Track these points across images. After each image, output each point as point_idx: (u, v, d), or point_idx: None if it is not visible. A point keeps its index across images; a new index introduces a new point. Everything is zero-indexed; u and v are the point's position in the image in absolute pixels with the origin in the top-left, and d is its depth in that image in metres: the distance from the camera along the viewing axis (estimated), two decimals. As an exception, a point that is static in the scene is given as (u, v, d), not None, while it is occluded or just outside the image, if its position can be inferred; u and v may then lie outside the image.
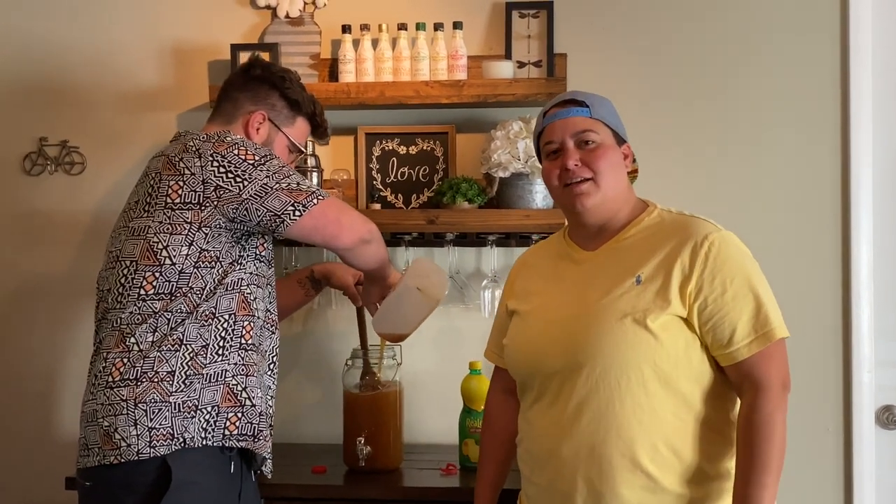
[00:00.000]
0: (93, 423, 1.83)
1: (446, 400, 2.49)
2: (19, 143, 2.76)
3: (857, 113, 2.54)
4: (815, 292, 2.56)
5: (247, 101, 2.05)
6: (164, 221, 1.85)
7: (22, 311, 2.76)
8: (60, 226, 2.74)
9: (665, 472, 1.62)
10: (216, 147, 1.88)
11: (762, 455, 1.58)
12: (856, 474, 2.52)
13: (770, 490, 1.57)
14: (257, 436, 1.88)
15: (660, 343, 1.62)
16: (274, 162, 1.90)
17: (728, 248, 1.65)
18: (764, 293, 1.64)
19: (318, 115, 2.15)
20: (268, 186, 1.85)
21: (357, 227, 1.94)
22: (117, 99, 2.74)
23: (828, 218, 2.58)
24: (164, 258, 1.84)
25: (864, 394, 2.54)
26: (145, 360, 1.81)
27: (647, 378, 1.62)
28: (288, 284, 2.34)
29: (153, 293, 1.84)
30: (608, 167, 1.72)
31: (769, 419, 1.59)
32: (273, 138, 2.07)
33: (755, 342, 1.61)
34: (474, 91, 2.48)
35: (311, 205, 1.86)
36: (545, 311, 1.79)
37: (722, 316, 1.62)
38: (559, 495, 1.70)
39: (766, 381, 1.60)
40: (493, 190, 2.52)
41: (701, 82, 2.61)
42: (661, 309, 1.63)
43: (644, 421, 1.62)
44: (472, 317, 2.61)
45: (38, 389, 2.75)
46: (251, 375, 1.88)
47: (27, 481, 2.70)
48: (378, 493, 2.22)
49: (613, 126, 1.77)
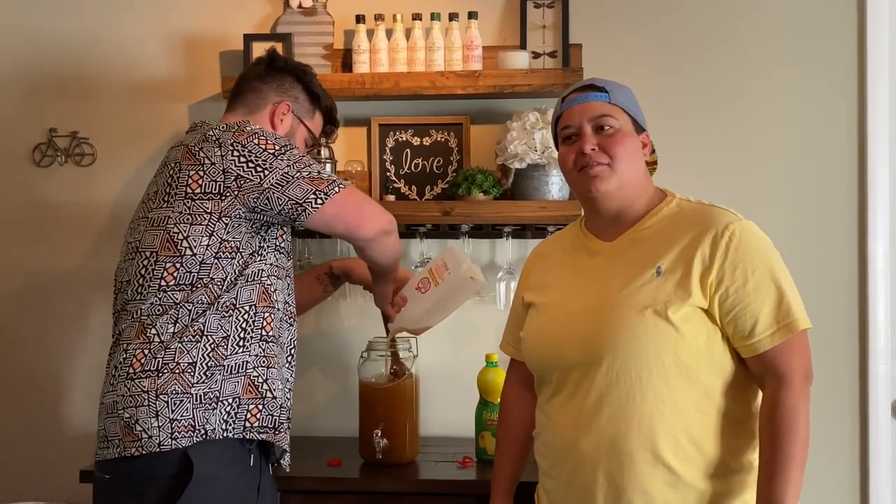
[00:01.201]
0: (113, 415, 1.82)
1: (462, 392, 2.48)
2: (29, 135, 2.74)
3: (874, 104, 2.54)
4: (832, 284, 2.56)
5: (271, 91, 2.05)
6: (184, 212, 1.84)
7: (32, 303, 2.74)
8: (70, 218, 2.73)
9: (687, 466, 1.61)
10: (236, 137, 1.86)
11: (786, 448, 1.56)
12: (871, 466, 2.53)
13: (794, 483, 1.55)
14: (278, 428, 1.87)
15: (681, 335, 1.61)
16: (294, 152, 1.89)
17: (749, 237, 1.63)
18: (786, 283, 1.62)
19: (333, 110, 2.17)
20: (289, 175, 1.84)
21: (378, 216, 1.93)
22: (128, 90, 2.72)
23: (844, 209, 2.57)
24: (184, 249, 1.83)
25: (879, 385, 2.53)
26: (166, 351, 1.80)
27: (669, 371, 1.61)
28: (306, 280, 2.32)
29: (174, 284, 1.83)
30: (625, 153, 1.70)
31: (792, 411, 1.57)
32: (295, 130, 2.07)
33: (777, 333, 1.59)
34: (490, 81, 2.47)
35: (332, 193, 1.85)
36: (563, 303, 1.77)
37: (744, 307, 1.60)
38: (579, 490, 1.68)
39: (789, 373, 1.59)
40: (508, 181, 2.51)
41: (717, 72, 2.60)
42: (682, 300, 1.61)
43: (665, 414, 1.61)
44: (487, 309, 2.60)
45: (49, 382, 2.73)
46: (272, 367, 1.87)
47: (41, 475, 2.68)
48: (394, 485, 2.21)
49: (633, 113, 1.75)
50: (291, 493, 2.17)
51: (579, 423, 1.68)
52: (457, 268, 2.17)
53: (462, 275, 2.16)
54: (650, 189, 1.77)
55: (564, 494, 1.73)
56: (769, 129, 2.59)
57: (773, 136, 2.59)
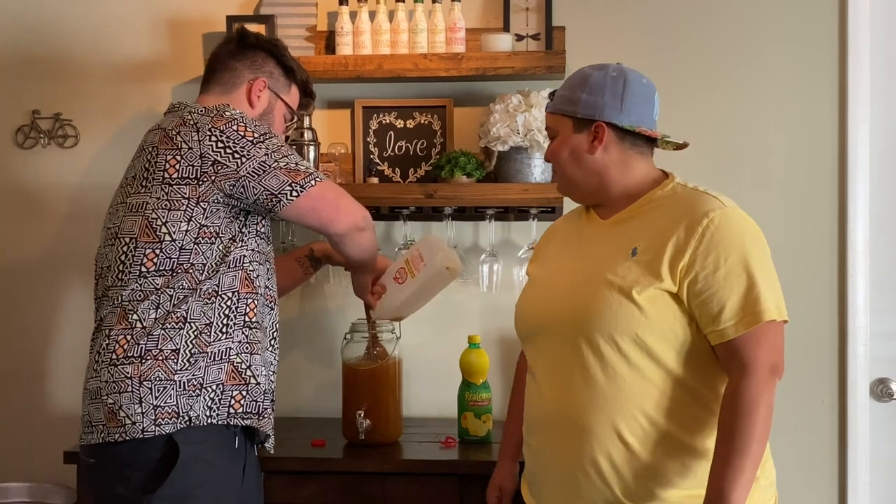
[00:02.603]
0: (97, 400, 1.82)
1: (445, 374, 2.50)
2: (11, 116, 2.73)
3: (855, 86, 2.54)
4: (811, 265, 2.57)
5: (245, 69, 2.02)
6: (161, 197, 1.83)
7: (14, 285, 2.74)
8: (53, 199, 2.72)
9: (644, 443, 1.63)
10: (215, 122, 1.85)
11: (741, 438, 1.55)
12: (850, 446, 2.55)
13: (746, 475, 1.54)
14: (261, 413, 1.88)
15: (644, 315, 1.62)
16: (273, 140, 1.87)
17: (728, 226, 1.63)
18: (760, 274, 1.60)
19: (308, 82, 2.14)
20: (266, 164, 1.83)
21: (353, 212, 1.93)
22: (111, 71, 2.71)
23: (824, 192, 2.58)
24: (163, 234, 1.82)
25: (858, 366, 2.55)
26: (149, 337, 1.80)
27: (630, 349, 1.63)
28: (286, 263, 2.31)
29: (154, 270, 1.82)
30: (564, 160, 1.77)
31: (752, 403, 1.56)
32: (273, 106, 2.05)
33: (742, 322, 1.59)
34: (473, 64, 2.47)
35: (308, 185, 1.84)
36: (551, 276, 1.83)
37: (711, 293, 1.60)
38: (543, 457, 1.74)
39: (752, 364, 1.58)
40: (491, 164, 2.51)
41: (701, 54, 2.61)
42: (649, 282, 1.62)
43: (625, 390, 1.63)
44: (470, 291, 2.62)
45: (31, 364, 2.73)
46: (255, 353, 1.88)
47: (26, 456, 2.69)
48: (377, 465, 2.22)
49: (571, 112, 1.75)
50: (275, 473, 2.18)
51: (545, 394, 1.73)
52: (432, 259, 2.17)
53: (437, 266, 2.16)
54: (639, 173, 1.76)
55: (533, 461, 1.79)
56: (751, 112, 2.59)
57: (754, 120, 2.60)
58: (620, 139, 1.74)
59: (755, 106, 2.60)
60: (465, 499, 2.19)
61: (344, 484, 2.21)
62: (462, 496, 2.19)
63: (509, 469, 2.00)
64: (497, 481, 2.00)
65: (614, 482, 1.64)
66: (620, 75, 1.75)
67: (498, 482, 2.00)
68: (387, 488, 2.21)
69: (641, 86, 1.76)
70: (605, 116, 1.73)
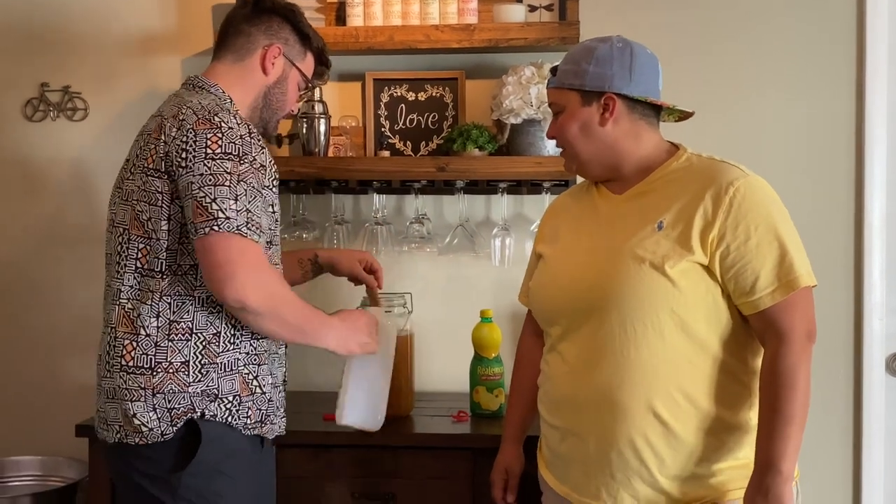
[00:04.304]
0: (113, 401, 1.77)
1: (457, 348, 2.49)
2: (20, 89, 2.72)
3: (874, 57, 2.51)
4: (828, 240, 2.55)
5: (260, 34, 1.92)
6: (140, 187, 1.75)
7: (25, 258, 2.74)
8: (62, 172, 2.72)
9: (680, 420, 1.61)
10: (197, 124, 1.72)
11: (785, 406, 1.55)
12: (865, 421, 2.54)
13: (793, 441, 1.54)
14: (265, 420, 1.83)
15: (678, 289, 1.60)
16: (227, 164, 1.68)
17: (754, 194, 1.61)
18: (790, 240, 1.60)
19: (324, 50, 2.04)
20: (190, 186, 1.67)
21: (248, 290, 1.64)
22: (120, 44, 2.69)
23: (841, 165, 2.56)
24: (150, 231, 1.74)
25: (874, 341, 2.54)
26: (157, 348, 1.73)
27: (664, 324, 1.61)
28: (287, 261, 2.17)
29: (147, 267, 1.74)
30: (572, 136, 1.73)
31: (792, 370, 1.56)
32: (287, 74, 1.95)
33: (778, 290, 1.58)
34: (485, 35, 2.44)
35: (202, 231, 1.64)
36: (568, 254, 1.79)
37: (745, 264, 1.59)
38: (573, 438, 1.71)
39: (790, 331, 1.57)
40: (503, 137, 2.49)
41: (716, 24, 2.57)
42: (681, 255, 1.60)
43: (660, 367, 1.61)
44: (482, 265, 2.60)
45: (41, 337, 2.74)
46: (263, 364, 1.81)
47: (38, 429, 2.70)
48: (390, 439, 2.21)
49: (578, 86, 1.72)
50: (287, 447, 2.17)
51: (575, 374, 1.69)
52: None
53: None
54: (650, 145, 1.74)
55: (559, 443, 1.75)
56: (769, 80, 2.56)
57: (772, 88, 2.56)
58: (630, 110, 1.72)
59: (772, 73, 2.57)
60: (477, 472, 2.18)
61: (356, 457, 2.21)
62: (474, 470, 2.18)
63: (516, 451, 1.97)
64: (503, 464, 1.97)
65: (651, 461, 1.62)
66: (626, 46, 1.72)
67: (504, 465, 1.96)
68: (399, 462, 2.20)
69: (647, 56, 1.74)
70: (614, 87, 1.70)
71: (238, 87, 1.89)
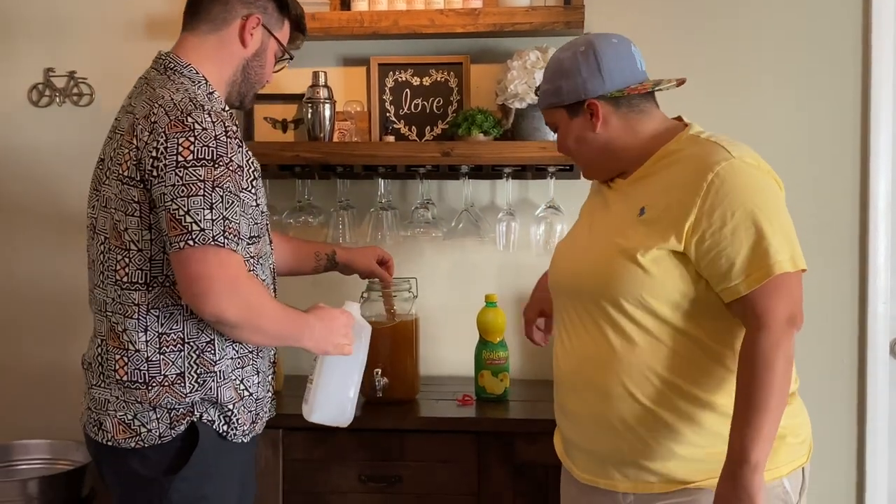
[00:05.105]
0: (104, 411, 1.72)
1: (462, 332, 2.50)
2: (26, 75, 2.72)
3: (879, 41, 2.51)
4: (831, 224, 2.55)
5: (237, 3, 1.79)
6: (117, 195, 1.67)
7: (30, 243, 2.75)
8: (68, 158, 2.72)
9: (657, 402, 1.62)
10: (170, 127, 1.63)
11: (758, 393, 1.51)
12: (869, 404, 2.55)
13: (765, 431, 1.50)
14: (255, 421, 1.81)
15: (650, 276, 1.59)
16: (200, 171, 1.60)
17: (734, 178, 1.57)
18: (769, 225, 1.55)
19: (302, 17, 1.93)
20: (163, 197, 1.60)
21: (225, 303, 1.59)
22: (125, 29, 2.69)
23: (846, 150, 2.56)
24: (128, 242, 1.67)
25: (878, 325, 2.54)
26: (149, 363, 1.68)
27: (637, 310, 1.61)
28: (305, 251, 2.19)
29: (127, 280, 1.68)
30: (574, 146, 1.76)
31: (768, 357, 1.52)
32: (266, 45, 1.85)
33: (752, 278, 1.54)
34: (490, 20, 2.44)
35: (177, 246, 1.59)
36: (573, 238, 1.85)
37: (720, 251, 1.56)
38: (569, 417, 1.75)
39: (767, 317, 1.54)
40: (508, 121, 2.49)
41: (723, 11, 2.56)
42: (654, 243, 1.59)
43: (635, 352, 1.62)
44: (486, 250, 2.61)
45: (50, 321, 2.75)
46: (246, 366, 1.76)
47: (45, 413, 2.72)
48: (395, 423, 2.24)
49: (558, 103, 1.73)
50: (294, 430, 2.20)
51: (568, 356, 1.73)
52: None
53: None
54: (642, 134, 1.71)
55: (561, 420, 1.80)
56: (774, 69, 2.56)
57: (777, 77, 2.56)
58: (616, 107, 1.70)
59: (777, 62, 2.56)
60: (482, 456, 2.20)
61: (362, 441, 2.22)
62: (479, 453, 2.20)
63: (544, 295, 1.96)
64: (535, 301, 2.01)
65: (636, 442, 1.63)
66: (589, 48, 1.70)
67: (536, 303, 2.01)
68: (404, 445, 2.22)
69: (612, 47, 1.71)
70: (590, 93, 1.69)
71: (213, 62, 1.79)
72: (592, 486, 1.70)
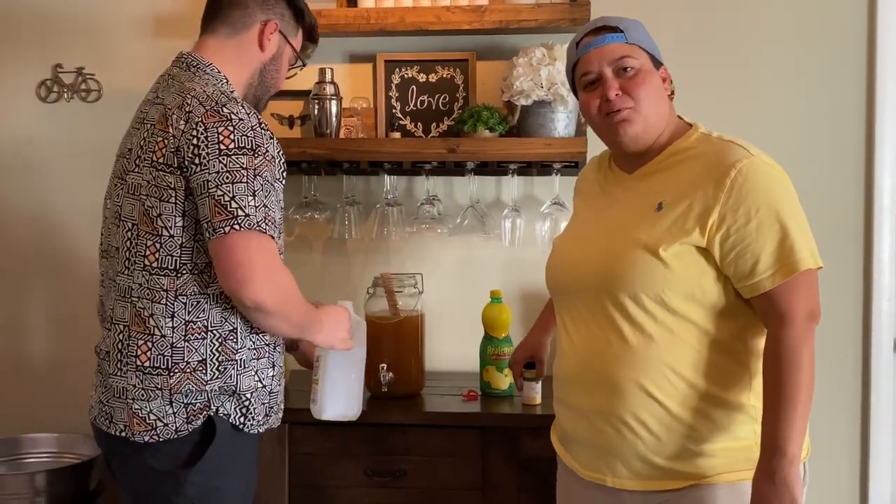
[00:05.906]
0: (120, 400, 1.73)
1: (467, 328, 2.51)
2: (34, 70, 2.73)
3: (884, 38, 2.51)
4: (837, 220, 2.56)
5: (257, 8, 1.84)
6: (151, 181, 1.69)
7: (39, 239, 2.77)
8: (76, 154, 2.73)
9: (673, 399, 1.61)
10: (206, 116, 1.66)
11: (788, 389, 1.53)
12: (873, 402, 2.55)
13: (798, 425, 1.53)
14: (269, 414, 1.82)
15: (671, 271, 1.60)
16: (242, 159, 1.64)
17: (756, 175, 1.59)
18: (792, 222, 1.58)
19: (315, 27, 1.98)
20: (207, 185, 1.63)
21: (266, 290, 1.63)
22: (134, 25, 2.70)
23: (851, 147, 2.56)
24: (160, 228, 1.69)
25: (882, 323, 2.55)
26: (173, 349, 1.69)
27: (656, 306, 1.61)
28: None
29: (157, 266, 1.69)
30: (648, 94, 1.68)
31: (794, 352, 1.54)
32: (282, 50, 1.89)
33: (778, 273, 1.56)
34: (496, 17, 2.45)
35: (222, 230, 1.62)
36: (576, 232, 1.82)
37: (745, 247, 1.57)
38: (575, 413, 1.73)
39: (791, 313, 1.56)
40: (514, 118, 2.50)
41: (727, 9, 2.57)
42: (676, 238, 1.60)
43: (653, 348, 1.61)
44: (492, 246, 2.62)
45: (59, 316, 2.77)
46: (262, 357, 1.78)
47: (54, 407, 2.74)
48: (400, 417, 2.25)
49: (650, 50, 1.72)
50: (300, 424, 2.21)
51: (577, 352, 1.71)
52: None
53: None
54: (673, 122, 1.74)
55: (564, 415, 1.78)
56: (782, 60, 2.56)
57: (784, 69, 2.56)
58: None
59: (785, 54, 2.57)
60: (486, 451, 2.21)
61: (367, 435, 2.24)
62: (483, 448, 2.21)
63: (540, 337, 2.05)
64: (526, 345, 2.07)
65: (647, 438, 1.63)
66: None
67: (528, 346, 2.06)
68: (409, 440, 2.23)
69: None
70: (663, 61, 1.74)
71: (233, 64, 1.83)
72: (597, 484, 1.70)
